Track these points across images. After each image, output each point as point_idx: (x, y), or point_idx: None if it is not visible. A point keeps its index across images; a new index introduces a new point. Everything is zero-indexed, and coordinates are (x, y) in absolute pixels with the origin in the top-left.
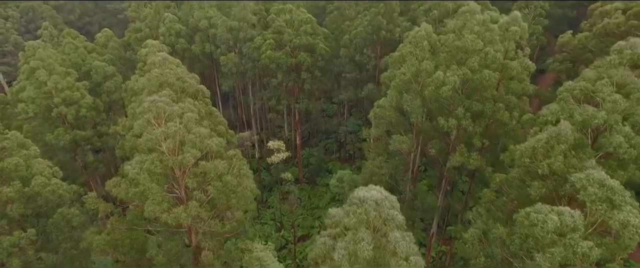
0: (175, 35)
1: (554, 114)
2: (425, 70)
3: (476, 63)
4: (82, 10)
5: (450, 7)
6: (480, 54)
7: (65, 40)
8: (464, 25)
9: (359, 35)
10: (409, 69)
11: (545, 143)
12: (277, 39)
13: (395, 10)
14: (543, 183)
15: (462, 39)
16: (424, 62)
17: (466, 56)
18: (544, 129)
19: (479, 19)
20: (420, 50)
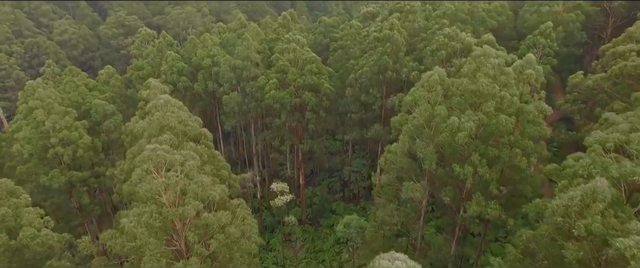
0: (177, 73)
1: (585, 167)
2: (439, 115)
3: (492, 108)
4: (85, 45)
5: (458, 47)
6: (495, 99)
7: (66, 79)
8: (478, 68)
9: (364, 74)
10: (421, 114)
11: (580, 201)
12: (280, 78)
13: (401, 49)
14: (579, 245)
15: (476, 82)
16: (437, 107)
17: (481, 100)
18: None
19: (494, 62)
20: (434, 94)
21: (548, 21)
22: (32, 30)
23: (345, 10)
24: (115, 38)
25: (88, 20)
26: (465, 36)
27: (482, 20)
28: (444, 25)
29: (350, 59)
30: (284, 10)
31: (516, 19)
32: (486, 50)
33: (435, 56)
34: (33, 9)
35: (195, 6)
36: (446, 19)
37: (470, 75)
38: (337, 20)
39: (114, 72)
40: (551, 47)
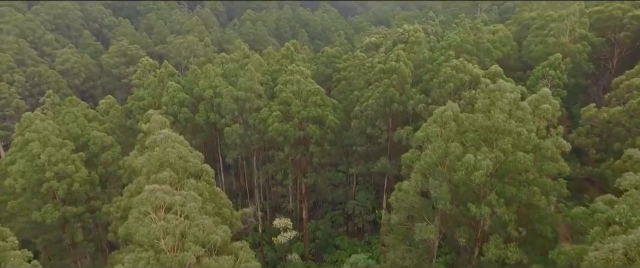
0: (178, 104)
1: (622, 215)
2: (453, 152)
3: (509, 144)
4: (87, 74)
5: (466, 79)
6: (512, 135)
7: (65, 110)
8: (493, 103)
9: (370, 107)
10: (435, 151)
11: (623, 255)
12: (284, 110)
13: (407, 81)
14: None
15: (491, 118)
16: (451, 143)
17: (496, 136)
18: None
19: (510, 97)
20: (448, 131)
21: (556, 53)
22: (34, 59)
23: (347, 40)
24: (117, 67)
25: (91, 49)
26: (473, 68)
27: (487, 51)
28: (451, 56)
29: (354, 91)
30: (285, 40)
31: (520, 49)
32: (501, 85)
33: (442, 88)
34: (37, 38)
35: (197, 36)
36: (452, 50)
37: (484, 110)
38: (340, 51)
39: (114, 102)
40: (560, 79)
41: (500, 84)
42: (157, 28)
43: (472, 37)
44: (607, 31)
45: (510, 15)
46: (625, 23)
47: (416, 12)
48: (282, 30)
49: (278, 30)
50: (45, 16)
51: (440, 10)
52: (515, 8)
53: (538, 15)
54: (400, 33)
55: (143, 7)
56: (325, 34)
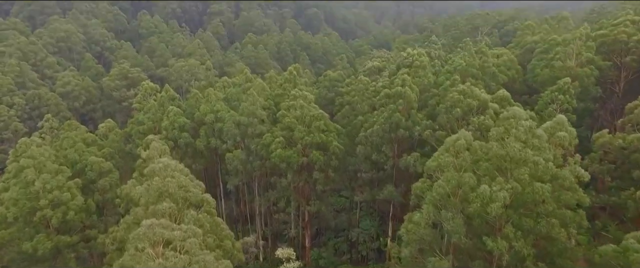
0: (178, 129)
1: None
2: (467, 183)
3: (526, 175)
4: (87, 97)
5: (474, 104)
6: (528, 164)
7: (64, 134)
8: (507, 131)
9: (375, 132)
10: (448, 181)
11: None
12: (287, 136)
13: (413, 106)
14: None
15: (506, 147)
16: (465, 174)
17: (511, 166)
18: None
19: (526, 125)
20: (461, 160)
21: (563, 76)
22: (35, 82)
23: (349, 64)
24: (118, 90)
25: (92, 71)
26: (480, 92)
27: (492, 75)
28: (456, 81)
29: (358, 115)
30: (286, 63)
31: (525, 72)
32: (516, 112)
33: (450, 114)
34: (39, 60)
35: (198, 59)
36: (457, 74)
37: (498, 138)
38: (342, 75)
39: (114, 126)
40: (570, 103)
41: (514, 111)
42: (159, 51)
43: (477, 61)
44: (612, 55)
45: (511, 39)
46: (630, 47)
47: (416, 36)
48: (283, 54)
49: (279, 53)
50: (48, 39)
51: (441, 33)
52: (516, 32)
53: (541, 38)
54: (404, 57)
55: (145, 30)
56: (327, 57)
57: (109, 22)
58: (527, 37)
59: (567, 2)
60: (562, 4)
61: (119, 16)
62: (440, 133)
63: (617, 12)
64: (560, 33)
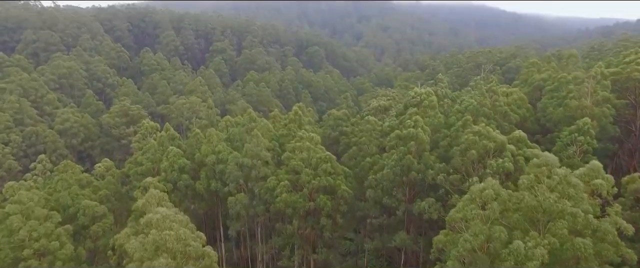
0: (178, 171)
1: None
2: (498, 238)
3: (565, 229)
4: (86, 134)
5: (491, 146)
6: (566, 217)
7: (58, 177)
8: (538, 179)
9: (386, 176)
10: (475, 236)
11: None
12: (293, 180)
13: (425, 148)
14: None
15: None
16: (496, 228)
17: (545, 217)
18: None
19: (560, 173)
20: (490, 212)
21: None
22: (34, 119)
23: (353, 102)
24: (117, 127)
25: (92, 108)
26: (498, 134)
27: (504, 115)
28: (468, 121)
29: (366, 157)
30: (288, 101)
31: (535, 111)
32: (548, 159)
33: (464, 156)
34: (39, 97)
35: (200, 96)
36: (468, 114)
37: (529, 187)
38: (346, 114)
39: (111, 166)
40: (590, 144)
41: (546, 158)
42: (160, 88)
43: (488, 101)
44: (626, 93)
45: (514, 76)
46: None
47: (418, 73)
48: (285, 91)
49: (281, 91)
50: (50, 76)
51: (443, 71)
52: (519, 69)
53: (549, 76)
54: (412, 96)
55: (147, 67)
56: (329, 95)
57: (112, 59)
58: (534, 74)
59: (560, 33)
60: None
61: (122, 53)
62: (454, 177)
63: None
64: (569, 71)
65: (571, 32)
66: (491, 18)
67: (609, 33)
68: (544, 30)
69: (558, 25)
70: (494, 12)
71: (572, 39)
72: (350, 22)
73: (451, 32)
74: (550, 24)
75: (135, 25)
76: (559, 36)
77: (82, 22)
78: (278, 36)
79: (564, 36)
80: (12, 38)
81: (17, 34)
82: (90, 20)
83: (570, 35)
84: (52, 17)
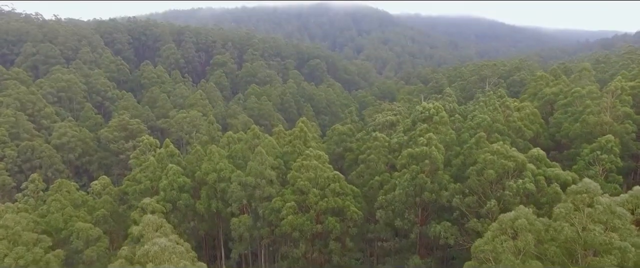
0: (177, 190)
1: None
2: None
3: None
4: (83, 149)
5: (511, 166)
6: (614, 252)
7: (51, 197)
8: (577, 208)
9: (398, 197)
10: None
11: None
12: (299, 200)
13: (439, 168)
14: None
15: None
16: (532, 262)
17: (587, 251)
18: None
19: (604, 203)
20: (523, 244)
21: (598, 132)
22: (30, 133)
23: (358, 117)
24: (116, 141)
25: (91, 122)
26: (517, 153)
27: (518, 131)
28: (482, 138)
29: (375, 175)
30: (290, 114)
31: (548, 126)
32: (588, 185)
33: (481, 177)
34: (37, 111)
35: (201, 110)
36: (481, 130)
37: (567, 217)
38: (351, 129)
39: (108, 183)
40: (614, 163)
41: (587, 185)
42: (160, 102)
43: (501, 116)
44: None
45: (520, 89)
46: None
47: (421, 87)
48: (286, 105)
49: (283, 104)
50: (48, 89)
51: (446, 83)
52: (523, 82)
53: (560, 90)
54: (420, 111)
55: (147, 80)
56: (331, 109)
57: (112, 72)
58: (544, 88)
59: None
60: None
61: (122, 66)
62: (470, 198)
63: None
64: (582, 85)
65: (570, 44)
66: (490, 30)
67: (610, 45)
68: (543, 43)
69: (557, 37)
70: (493, 25)
71: (572, 51)
72: (350, 35)
73: (451, 45)
74: (549, 36)
75: (136, 38)
76: (558, 48)
77: (83, 35)
78: (279, 49)
79: (563, 48)
80: (12, 51)
81: (17, 46)
82: (90, 33)
83: (570, 47)
84: (52, 30)
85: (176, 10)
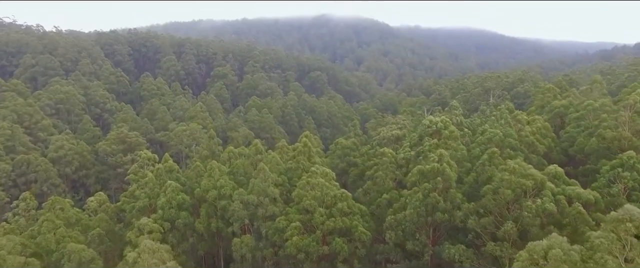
0: (176, 208)
1: None
2: None
3: None
4: (80, 162)
5: (529, 185)
6: None
7: (43, 216)
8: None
9: (408, 217)
10: None
11: None
12: (304, 220)
13: (452, 185)
14: None
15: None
16: None
17: None
18: None
19: None
20: None
21: (616, 147)
22: (26, 146)
23: (362, 130)
24: (114, 155)
25: (88, 134)
26: (534, 170)
27: (530, 145)
28: (495, 153)
29: (382, 193)
30: (291, 127)
31: (560, 140)
32: (630, 212)
33: (498, 196)
34: (33, 123)
35: (201, 122)
36: (493, 145)
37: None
38: (355, 143)
39: (105, 200)
40: (637, 181)
41: (630, 212)
42: (160, 114)
43: (513, 131)
44: None
45: (524, 101)
46: None
47: (423, 99)
48: (288, 118)
49: (284, 117)
50: (46, 101)
51: (448, 95)
52: (527, 94)
53: (570, 103)
54: (427, 125)
55: (147, 92)
56: (332, 121)
57: (111, 84)
58: (552, 101)
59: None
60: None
61: (122, 78)
62: (486, 219)
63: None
64: (594, 98)
65: (570, 55)
66: (490, 42)
67: (609, 57)
68: (542, 54)
69: (556, 48)
70: (493, 36)
71: (571, 63)
72: (350, 47)
73: (451, 57)
74: (548, 48)
75: (136, 49)
76: (558, 60)
77: (83, 47)
78: (280, 61)
79: (563, 60)
80: (11, 62)
81: (17, 58)
82: (91, 44)
83: (569, 59)
84: (52, 42)
85: (177, 22)
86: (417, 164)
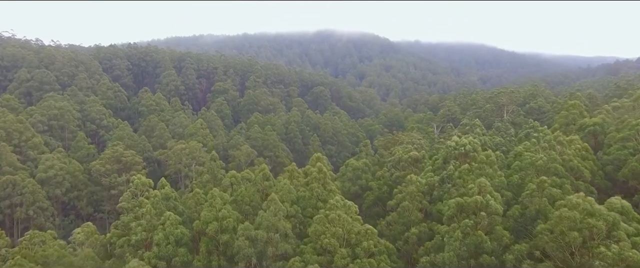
0: (174, 244)
1: None
2: None
3: None
4: (71, 183)
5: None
6: None
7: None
8: None
9: (448, 259)
10: None
11: None
12: (323, 262)
13: (497, 221)
14: None
15: None
16: None
17: None
18: None
19: None
20: None
21: None
22: (14, 166)
23: (373, 150)
24: (108, 175)
25: (82, 152)
26: (601, 207)
27: (574, 170)
28: (544, 182)
29: (410, 227)
30: (295, 144)
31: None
32: None
33: (559, 239)
34: (23, 141)
35: (201, 140)
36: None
37: None
38: (367, 163)
39: (93, 232)
40: None
41: None
42: (158, 131)
43: (556, 154)
44: None
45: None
46: None
47: (429, 115)
48: (291, 135)
49: (287, 134)
50: (39, 117)
51: (458, 111)
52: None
53: (603, 120)
54: (453, 147)
55: (145, 108)
56: (337, 138)
57: (109, 99)
58: (581, 118)
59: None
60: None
61: (120, 93)
62: (545, 265)
63: None
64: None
65: (572, 69)
66: (490, 56)
67: (614, 71)
68: (544, 69)
69: (557, 63)
70: (493, 51)
71: (575, 77)
72: (352, 62)
73: (453, 71)
74: (549, 62)
75: (135, 64)
76: (561, 74)
77: (80, 61)
78: (282, 76)
79: (566, 74)
80: (6, 77)
81: (12, 72)
82: (88, 58)
83: (573, 73)
84: (49, 56)
85: (178, 37)
86: (443, 191)
